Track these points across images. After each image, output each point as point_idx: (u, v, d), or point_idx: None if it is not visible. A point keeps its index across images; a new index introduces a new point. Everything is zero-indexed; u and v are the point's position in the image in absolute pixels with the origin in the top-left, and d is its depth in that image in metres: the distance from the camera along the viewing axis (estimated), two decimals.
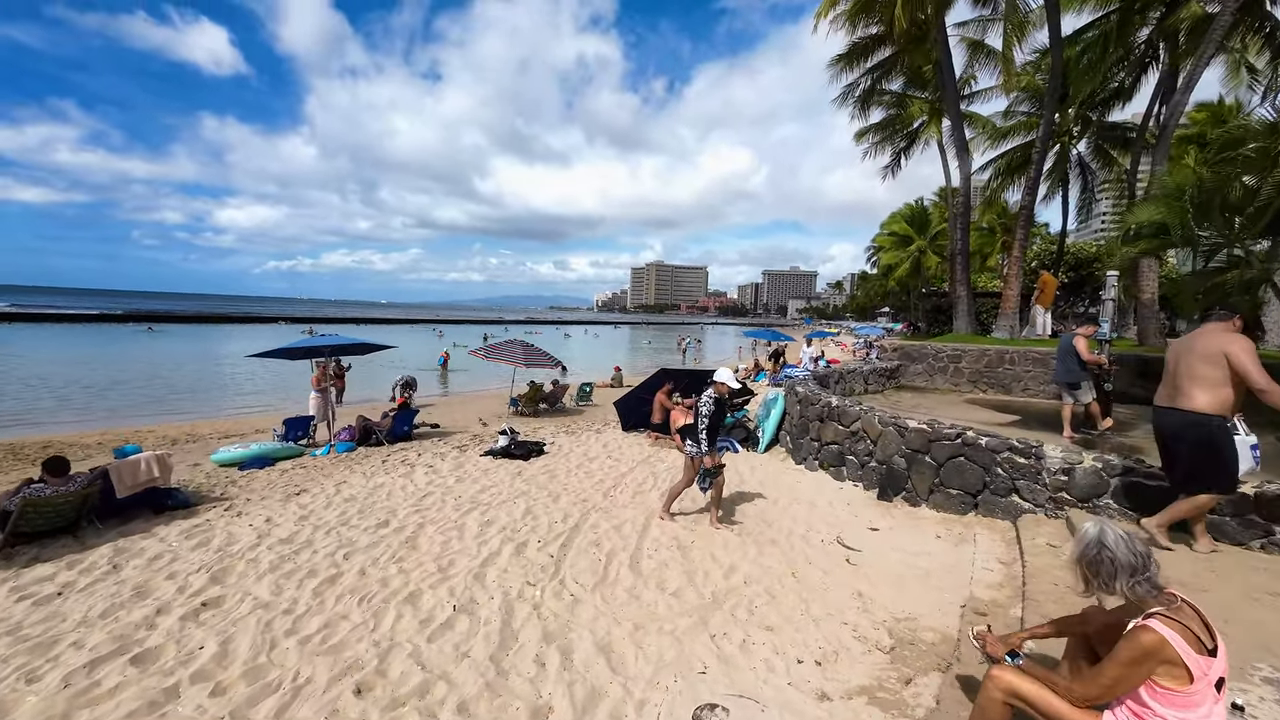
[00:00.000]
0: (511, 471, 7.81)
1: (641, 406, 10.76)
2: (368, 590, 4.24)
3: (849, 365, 14.86)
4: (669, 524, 5.79)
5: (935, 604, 4.09)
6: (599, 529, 5.59)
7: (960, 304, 17.07)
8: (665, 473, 7.82)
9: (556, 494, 6.74)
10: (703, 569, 4.72)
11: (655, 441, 9.94)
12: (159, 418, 15.13)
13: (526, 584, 4.40)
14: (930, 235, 49.44)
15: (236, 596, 4.14)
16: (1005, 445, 5.43)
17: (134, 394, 19.18)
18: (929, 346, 14.16)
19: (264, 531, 5.45)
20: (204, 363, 29.11)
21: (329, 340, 9.77)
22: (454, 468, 8.04)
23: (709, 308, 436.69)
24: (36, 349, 31.76)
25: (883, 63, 23.62)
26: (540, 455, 8.87)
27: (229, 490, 7.08)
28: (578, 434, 11.02)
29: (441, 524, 5.66)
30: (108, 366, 26.38)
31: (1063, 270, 28.85)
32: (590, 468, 8.10)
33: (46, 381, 20.52)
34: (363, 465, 8.34)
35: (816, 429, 7.73)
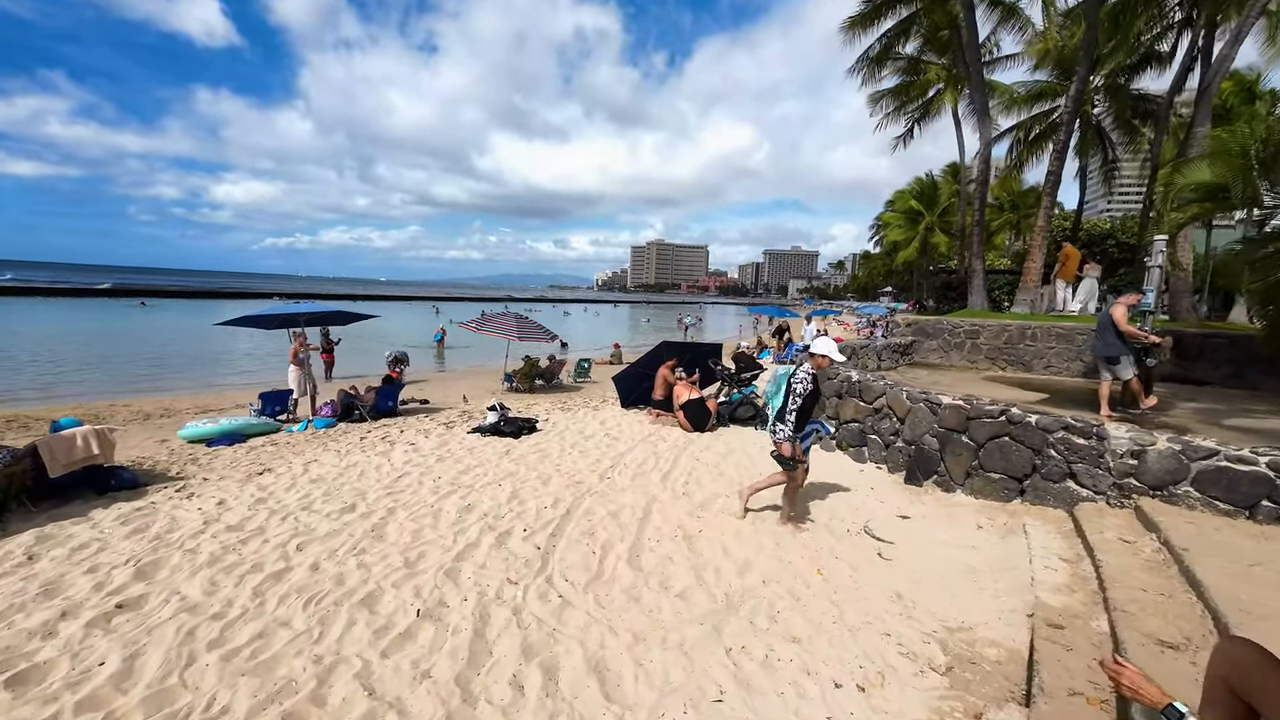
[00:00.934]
0: (499, 451, 7.14)
1: (642, 382, 10.06)
2: (318, 590, 3.58)
3: (858, 342, 14.15)
4: (679, 513, 5.13)
5: (993, 610, 3.43)
6: (594, 516, 4.93)
7: (975, 278, 16.30)
8: (667, 452, 7.16)
9: (547, 476, 6.08)
10: (713, 565, 4.07)
11: (656, 419, 9.27)
12: (137, 393, 14.45)
13: (507, 582, 3.74)
14: (939, 211, 48.30)
15: (161, 596, 3.48)
16: (1059, 424, 4.75)
17: (115, 368, 18.47)
18: (945, 322, 13.42)
19: (212, 517, 4.78)
20: (192, 338, 28.34)
21: (305, 308, 9.04)
22: (437, 446, 7.37)
23: (710, 287, 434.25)
24: (22, 323, 30.96)
25: (901, 22, 22.44)
26: (532, 433, 8.20)
27: (187, 469, 6.42)
28: (574, 411, 10.35)
29: (415, 509, 5.00)
30: (93, 341, 25.62)
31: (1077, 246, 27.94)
32: (586, 447, 7.44)
33: (24, 355, 19.80)
34: (338, 443, 7.68)
35: (834, 406, 7.04)
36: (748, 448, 7.50)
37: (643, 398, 10.07)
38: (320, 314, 9.57)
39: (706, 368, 10.09)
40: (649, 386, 9.86)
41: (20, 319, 32.47)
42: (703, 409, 8.34)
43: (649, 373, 9.96)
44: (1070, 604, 3.28)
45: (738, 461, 6.84)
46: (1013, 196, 49.49)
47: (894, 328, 15.64)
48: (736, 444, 7.69)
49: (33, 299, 48.44)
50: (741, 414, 8.71)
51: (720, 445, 7.59)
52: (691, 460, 6.82)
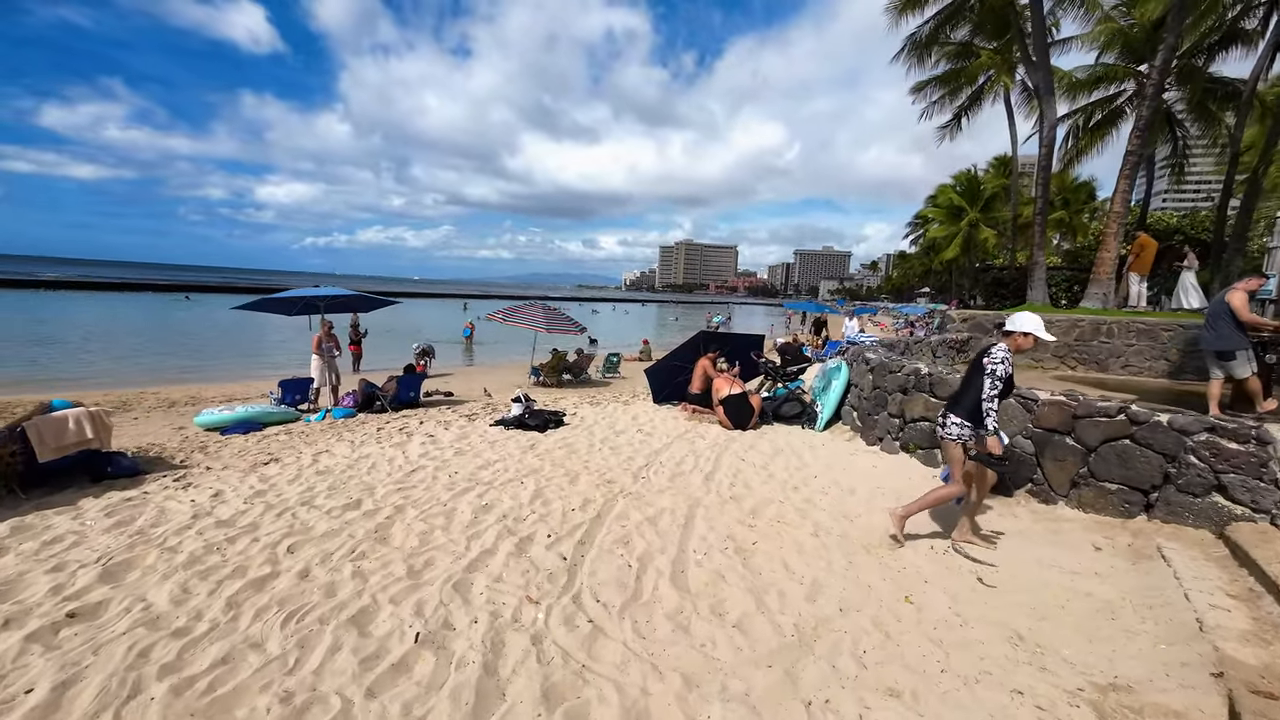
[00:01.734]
0: (523, 445, 6.53)
1: (677, 376, 9.36)
2: (303, 603, 3.00)
3: (906, 339, 13.15)
4: (728, 521, 4.41)
5: (1155, 663, 2.62)
6: (628, 521, 4.26)
7: (1037, 272, 15.05)
8: (708, 451, 6.43)
9: (575, 473, 5.43)
10: (775, 586, 3.34)
11: (693, 415, 8.55)
12: (169, 381, 14.47)
13: (527, 600, 3.10)
14: (982, 206, 46.21)
15: (122, 604, 2.95)
16: (1202, 425, 3.86)
17: (152, 358, 18.71)
18: (1004, 317, 12.31)
19: (204, 510, 4.28)
20: (230, 330, 28.85)
21: (324, 292, 8.64)
22: (457, 438, 6.81)
23: (738, 288, 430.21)
24: (70, 314, 32.07)
25: (953, 2, 21.18)
26: (559, 427, 7.59)
27: (193, 457, 6.00)
28: (603, 405, 9.71)
29: (426, 508, 4.40)
30: (135, 332, 26.28)
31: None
32: (617, 442, 6.78)
33: (63, 344, 20.27)
34: (354, 433, 7.20)
35: (899, 403, 6.21)
36: (796, 447, 6.71)
37: (677, 393, 9.37)
38: (340, 298, 9.15)
39: (748, 360, 9.32)
40: (684, 381, 9.16)
41: (71, 311, 33.69)
42: (745, 404, 7.59)
43: (685, 365, 9.26)
44: (1274, 662, 2.44)
45: (786, 463, 6.07)
46: (1063, 192, 47.07)
47: (946, 323, 14.54)
48: (783, 443, 6.92)
49: (83, 292, 50.52)
50: (787, 411, 7.93)
51: (766, 444, 6.84)
52: (735, 460, 6.09)
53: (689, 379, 8.96)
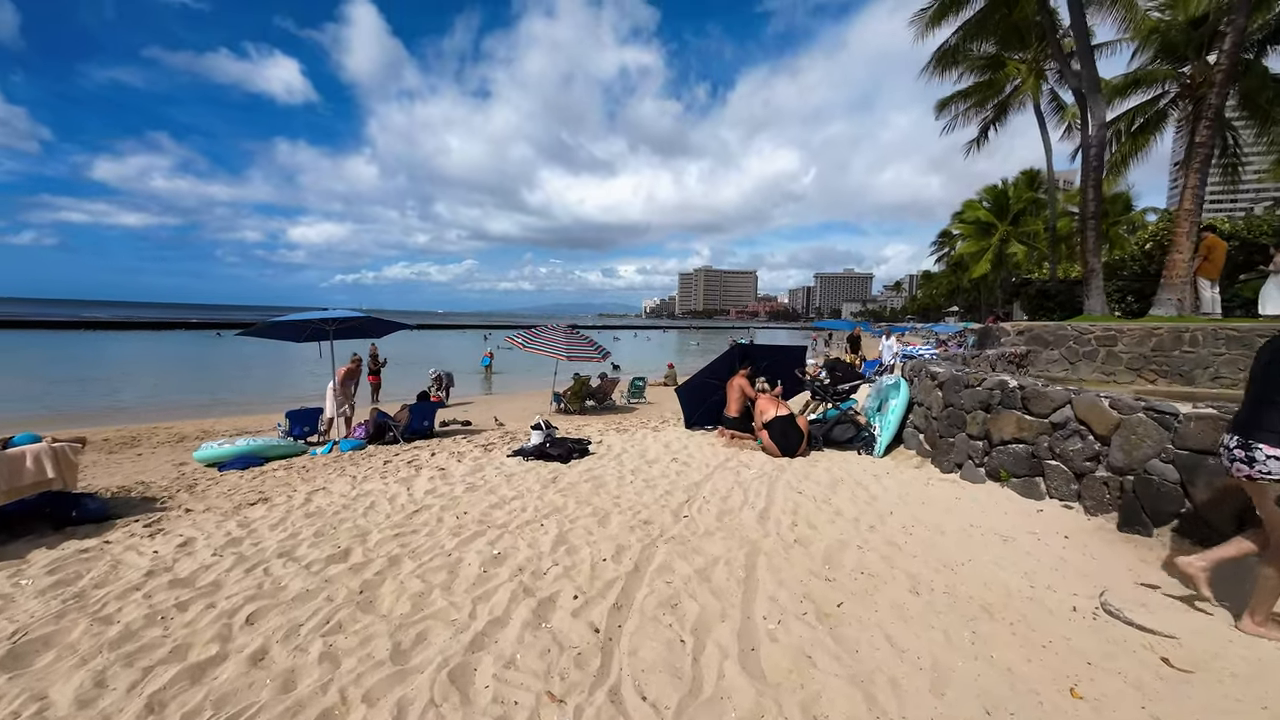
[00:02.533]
0: (544, 478, 5.74)
1: (710, 394, 8.53)
2: (247, 704, 2.22)
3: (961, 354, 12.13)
4: (799, 572, 3.53)
5: None
6: (674, 575, 3.41)
7: (1093, 280, 13.94)
8: (756, 483, 5.55)
9: (604, 512, 4.61)
10: (883, 671, 2.45)
11: (732, 441, 7.68)
12: (185, 415, 14.18)
13: (547, 699, 2.27)
14: (1011, 219, 44.89)
15: (11, 706, 2.22)
16: None
17: (172, 393, 18.61)
18: (1069, 327, 11.25)
19: (165, 563, 3.58)
20: (256, 362, 28.99)
21: (333, 315, 8.11)
22: (469, 471, 6.05)
23: (759, 312, 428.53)
24: (104, 352, 32.73)
25: (980, 12, 20.63)
26: (583, 457, 6.79)
27: (177, 497, 5.36)
28: (631, 432, 8.90)
29: (426, 558, 3.63)
30: (162, 368, 26.53)
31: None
32: (650, 474, 5.94)
33: (91, 380, 20.36)
34: (359, 467, 6.52)
35: (981, 423, 5.28)
36: (858, 476, 5.79)
37: (711, 415, 8.52)
38: (350, 320, 8.62)
39: (790, 377, 8.45)
40: (719, 401, 8.32)
41: (106, 349, 34.44)
42: (793, 428, 6.70)
43: (718, 383, 8.43)
44: None
45: (852, 495, 5.16)
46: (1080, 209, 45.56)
47: (988, 340, 13.45)
48: (841, 472, 6.00)
49: (120, 331, 52.05)
50: (839, 434, 7.00)
51: (821, 473, 5.92)
52: (790, 493, 5.20)
53: (724, 399, 8.12)
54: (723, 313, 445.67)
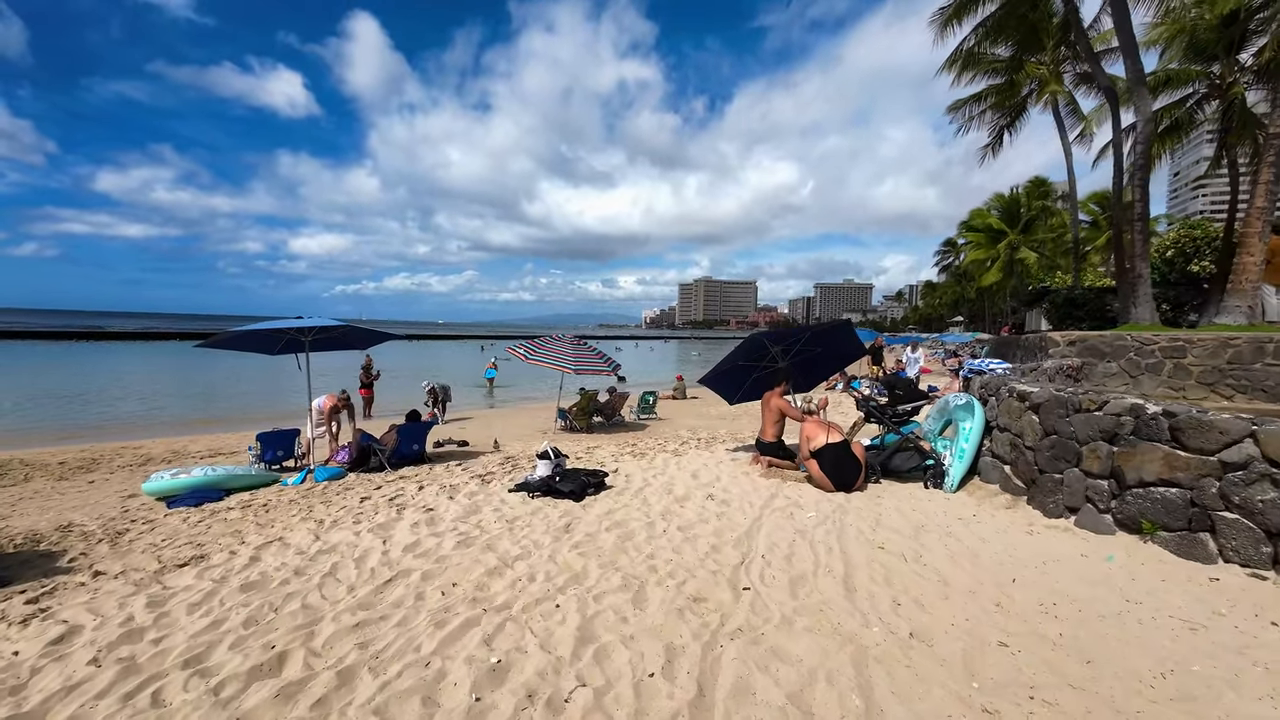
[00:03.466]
0: (554, 526, 4.63)
1: (747, 375, 7.61)
2: None
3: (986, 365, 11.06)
4: (942, 697, 2.43)
5: None
6: (756, 701, 2.30)
7: (1141, 286, 12.91)
8: (818, 530, 4.45)
9: (638, 582, 3.49)
10: None
11: (769, 470, 6.60)
12: (158, 431, 13.08)
13: None
14: (1021, 227, 44.09)
15: None
16: None
17: (151, 405, 17.52)
18: (1129, 337, 10.20)
19: (16, 679, 2.48)
20: (250, 375, 27.88)
21: (309, 323, 7.03)
22: (463, 514, 4.94)
23: (759, 322, 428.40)
24: (92, 364, 31.63)
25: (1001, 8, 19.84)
26: (599, 492, 5.68)
27: (94, 552, 4.25)
28: (648, 456, 7.81)
29: (392, 671, 2.52)
30: (149, 380, 25.43)
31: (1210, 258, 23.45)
32: (684, 517, 4.84)
33: (66, 395, 19.25)
34: (330, 505, 5.41)
35: (1106, 457, 4.19)
36: (940, 520, 4.69)
37: (756, 390, 7.54)
38: (330, 330, 7.54)
39: (824, 366, 7.46)
40: (761, 378, 7.28)
41: (93, 361, 33.34)
42: (849, 458, 5.61)
43: (751, 364, 7.39)
44: None
45: (946, 549, 4.06)
46: (1109, 212, 44.85)
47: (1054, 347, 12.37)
48: (917, 513, 4.91)
49: (112, 342, 50.98)
50: (900, 464, 5.91)
51: (894, 516, 4.83)
52: (868, 548, 4.10)
53: (764, 375, 7.05)
54: (723, 323, 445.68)
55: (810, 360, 7.38)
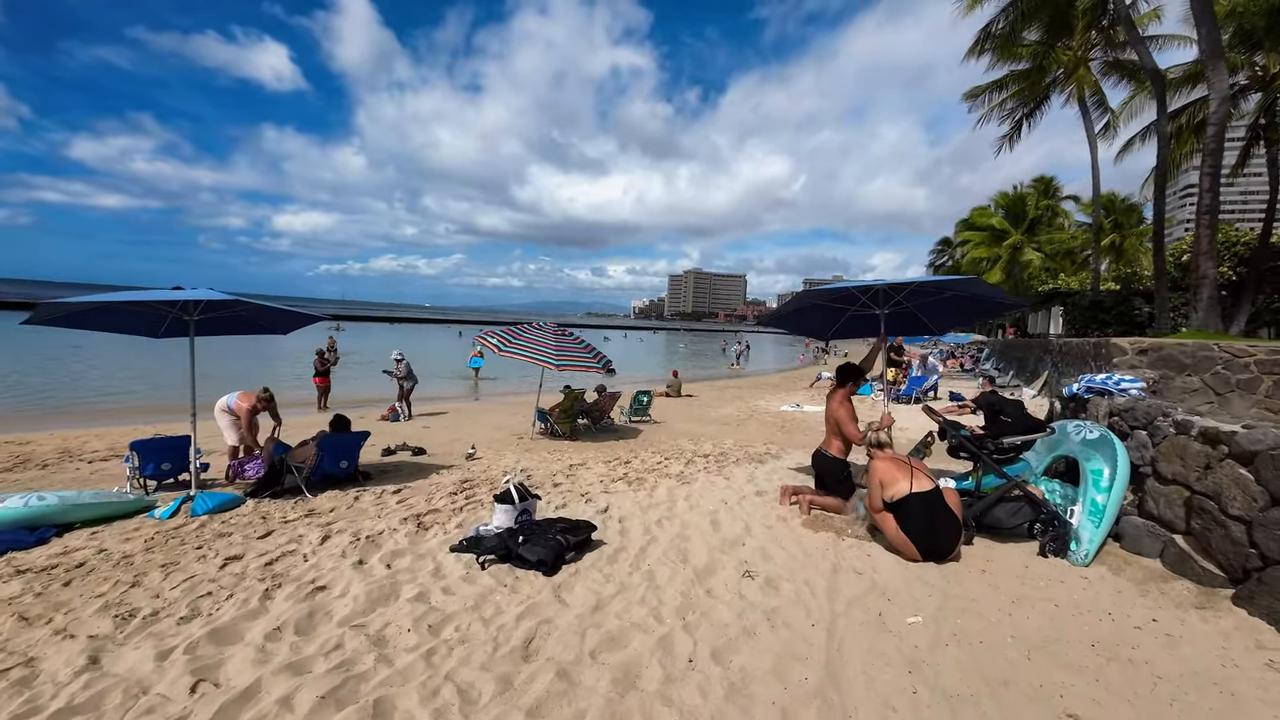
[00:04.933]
0: (505, 638, 2.82)
1: (836, 315, 5.83)
2: None
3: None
4: None
5: None
6: None
7: (1204, 288, 11.40)
8: (942, 654, 2.75)
9: None
10: None
11: (809, 510, 4.90)
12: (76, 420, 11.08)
13: None
14: (1026, 227, 42.87)
15: None
16: None
17: (82, 386, 15.35)
18: (1216, 348, 8.64)
19: None
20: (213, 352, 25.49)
21: (189, 295, 5.10)
22: (365, 604, 3.11)
23: (748, 316, 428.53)
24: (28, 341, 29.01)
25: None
26: (582, 554, 3.91)
27: None
28: (646, 483, 6.05)
29: None
30: (90, 356, 23.05)
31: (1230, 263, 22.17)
32: (714, 617, 3.08)
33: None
34: (173, 574, 3.56)
35: None
36: (1106, 632, 3.01)
37: (850, 331, 5.78)
38: (224, 307, 5.61)
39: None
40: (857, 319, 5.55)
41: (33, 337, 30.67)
42: (944, 514, 3.90)
43: (826, 304, 5.63)
44: None
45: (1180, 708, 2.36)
46: (1114, 213, 43.82)
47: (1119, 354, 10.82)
48: (1056, 605, 3.23)
49: None
50: (1001, 518, 4.22)
51: (1033, 615, 3.13)
52: (1042, 707, 2.38)
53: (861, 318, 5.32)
54: (711, 315, 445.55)
55: (909, 314, 5.54)
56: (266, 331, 6.65)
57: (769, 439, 9.48)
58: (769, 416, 12.49)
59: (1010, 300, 5.59)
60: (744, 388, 19.77)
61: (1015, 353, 23.76)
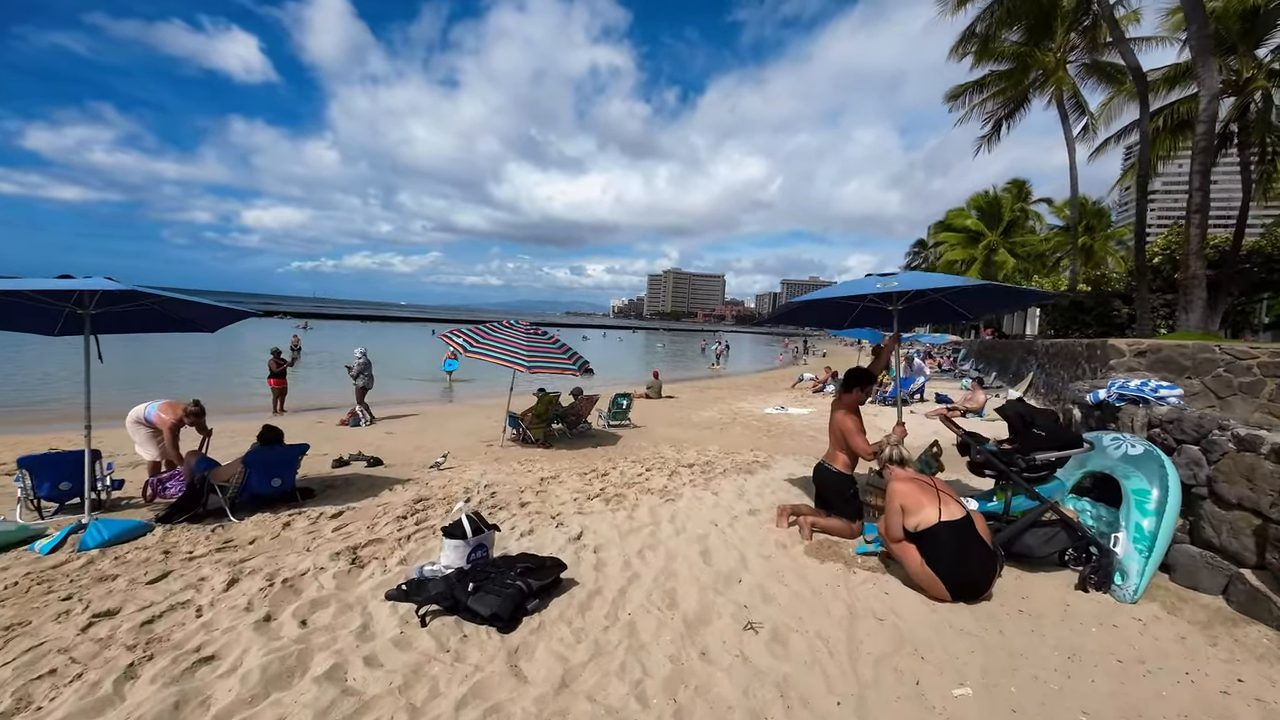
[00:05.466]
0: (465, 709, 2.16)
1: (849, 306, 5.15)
2: None
3: None
4: None
5: None
6: None
7: (1195, 289, 11.23)
8: (1017, 710, 2.15)
9: None
10: None
11: (811, 534, 4.31)
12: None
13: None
14: (1002, 229, 43.38)
15: None
16: None
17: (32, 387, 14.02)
18: (1218, 349, 8.34)
19: None
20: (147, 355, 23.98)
21: (81, 284, 4.25)
22: (255, 688, 2.39)
23: (726, 316, 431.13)
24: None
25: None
26: (548, 600, 3.22)
27: None
28: (626, 501, 5.39)
29: None
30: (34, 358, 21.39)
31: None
32: (715, 691, 2.44)
33: None
34: (38, 618, 2.78)
35: None
36: (1183, 702, 2.45)
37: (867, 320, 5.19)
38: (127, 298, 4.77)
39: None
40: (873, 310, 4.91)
41: None
42: (975, 545, 3.32)
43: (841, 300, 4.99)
44: None
45: None
46: (1085, 216, 44.64)
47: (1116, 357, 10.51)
48: (1115, 659, 2.67)
49: None
50: (1033, 546, 3.67)
51: (1090, 670, 2.56)
52: None
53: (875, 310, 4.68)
54: (690, 315, 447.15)
55: (921, 307, 4.92)
56: (191, 329, 5.79)
57: (755, 444, 8.90)
58: (753, 420, 11.93)
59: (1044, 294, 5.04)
60: (725, 389, 19.24)
61: (995, 354, 23.70)
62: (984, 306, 5.16)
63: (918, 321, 5.30)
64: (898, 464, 3.67)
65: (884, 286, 3.67)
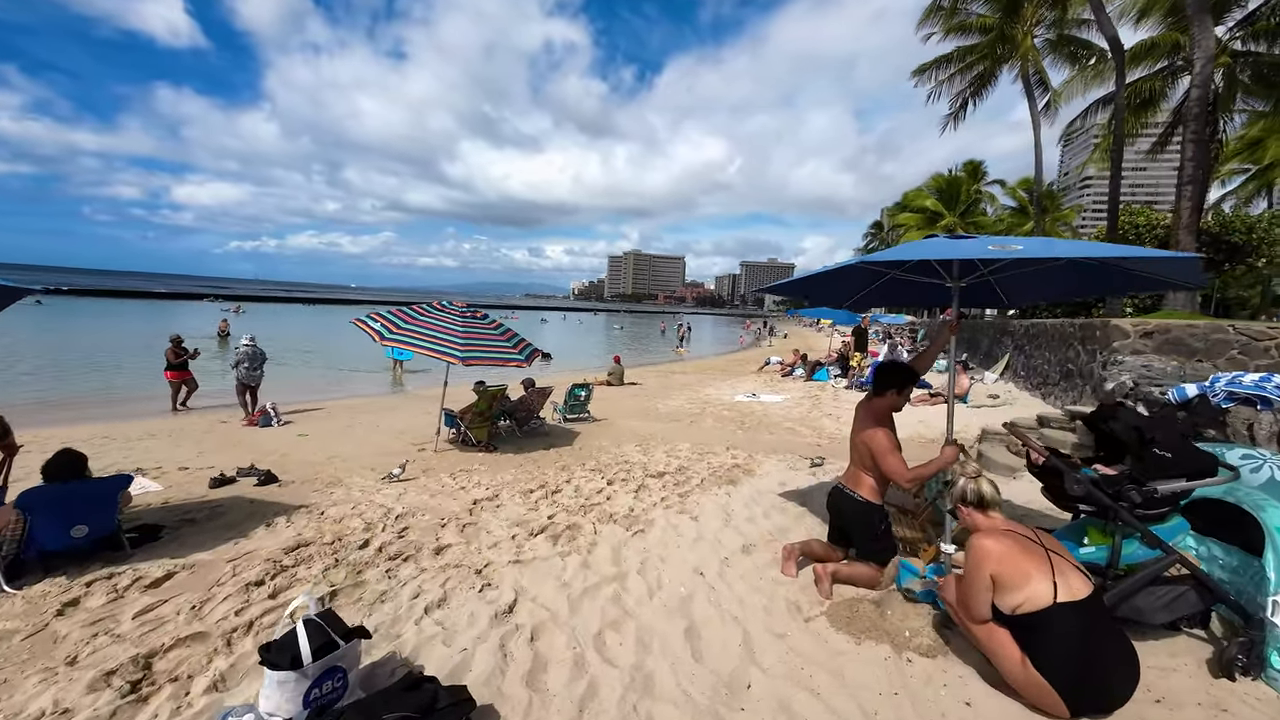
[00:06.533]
0: None
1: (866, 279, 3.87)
2: None
3: None
4: None
5: None
6: None
7: None
8: None
9: None
10: None
11: (827, 586, 3.15)
12: None
13: None
14: (960, 211, 43.73)
15: None
16: None
17: None
18: (1230, 329, 7.66)
19: None
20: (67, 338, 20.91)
21: None
22: None
23: (686, 298, 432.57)
24: None
25: None
26: None
27: None
28: (579, 532, 4.11)
29: None
30: None
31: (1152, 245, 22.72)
32: None
33: None
34: None
35: None
36: None
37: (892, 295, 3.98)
38: None
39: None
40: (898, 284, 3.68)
41: None
42: (1111, 636, 2.20)
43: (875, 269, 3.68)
44: None
45: None
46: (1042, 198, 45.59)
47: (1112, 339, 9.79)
48: None
49: None
50: (1150, 609, 2.61)
51: None
52: None
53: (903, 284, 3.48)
54: (651, 297, 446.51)
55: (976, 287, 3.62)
56: None
57: (730, 440, 7.75)
58: (724, 409, 10.82)
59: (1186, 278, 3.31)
60: (690, 374, 18.13)
61: (962, 333, 23.48)
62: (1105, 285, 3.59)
63: (975, 302, 4.16)
64: (976, 505, 2.49)
65: (1001, 252, 2.47)
